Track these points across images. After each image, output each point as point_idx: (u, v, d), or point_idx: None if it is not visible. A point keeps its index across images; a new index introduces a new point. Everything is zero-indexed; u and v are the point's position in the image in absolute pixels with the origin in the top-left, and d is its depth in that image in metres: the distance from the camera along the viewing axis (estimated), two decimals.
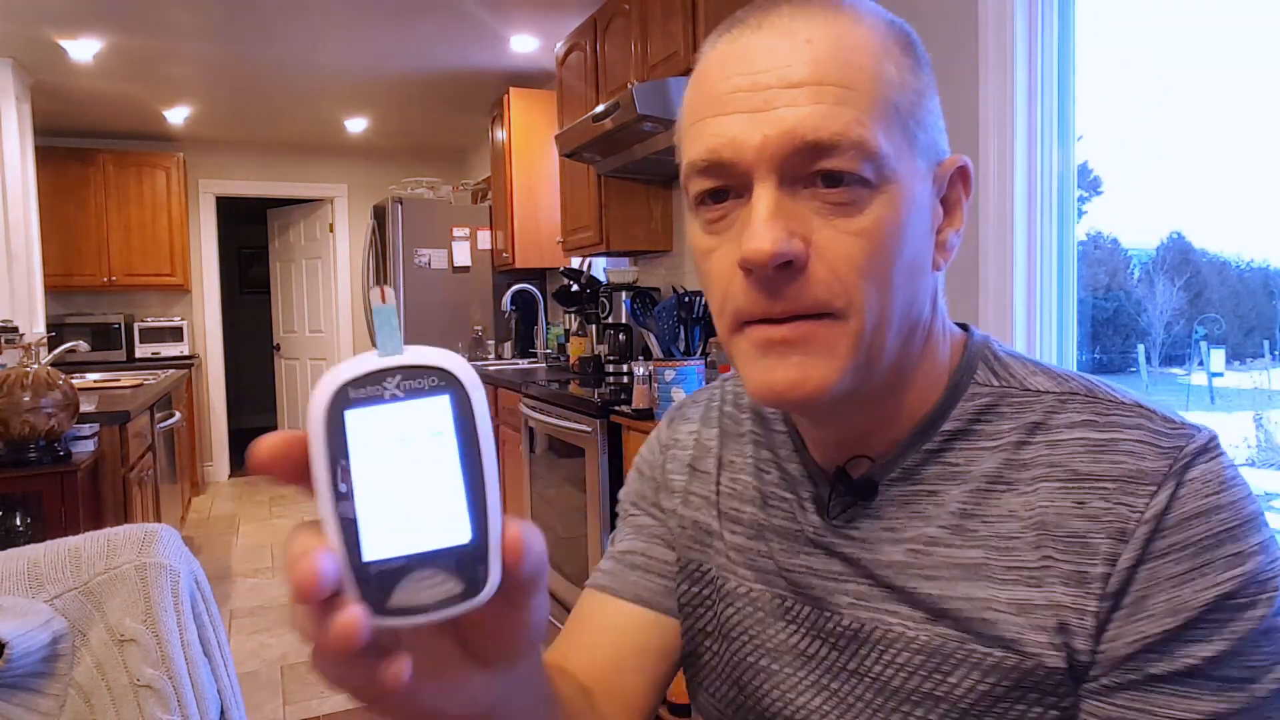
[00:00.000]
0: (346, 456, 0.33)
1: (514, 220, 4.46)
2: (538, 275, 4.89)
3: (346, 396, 0.33)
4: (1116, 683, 0.50)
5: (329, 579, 0.31)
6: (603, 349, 3.62)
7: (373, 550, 0.33)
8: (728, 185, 0.53)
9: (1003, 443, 0.57)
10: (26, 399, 2.27)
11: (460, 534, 0.33)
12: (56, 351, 2.64)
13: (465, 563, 0.33)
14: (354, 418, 0.33)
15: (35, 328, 4.28)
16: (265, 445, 0.33)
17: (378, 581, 0.33)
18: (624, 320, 3.52)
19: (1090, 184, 2.03)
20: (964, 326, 0.65)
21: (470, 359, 4.83)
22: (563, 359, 4.31)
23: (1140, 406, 0.55)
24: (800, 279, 0.51)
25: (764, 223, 0.50)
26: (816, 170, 0.50)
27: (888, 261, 0.51)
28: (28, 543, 1.13)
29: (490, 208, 4.97)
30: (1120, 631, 0.50)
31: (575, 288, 3.79)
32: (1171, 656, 0.49)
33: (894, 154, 0.51)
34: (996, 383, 0.59)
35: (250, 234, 7.63)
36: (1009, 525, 0.55)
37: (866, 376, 0.53)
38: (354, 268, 6.41)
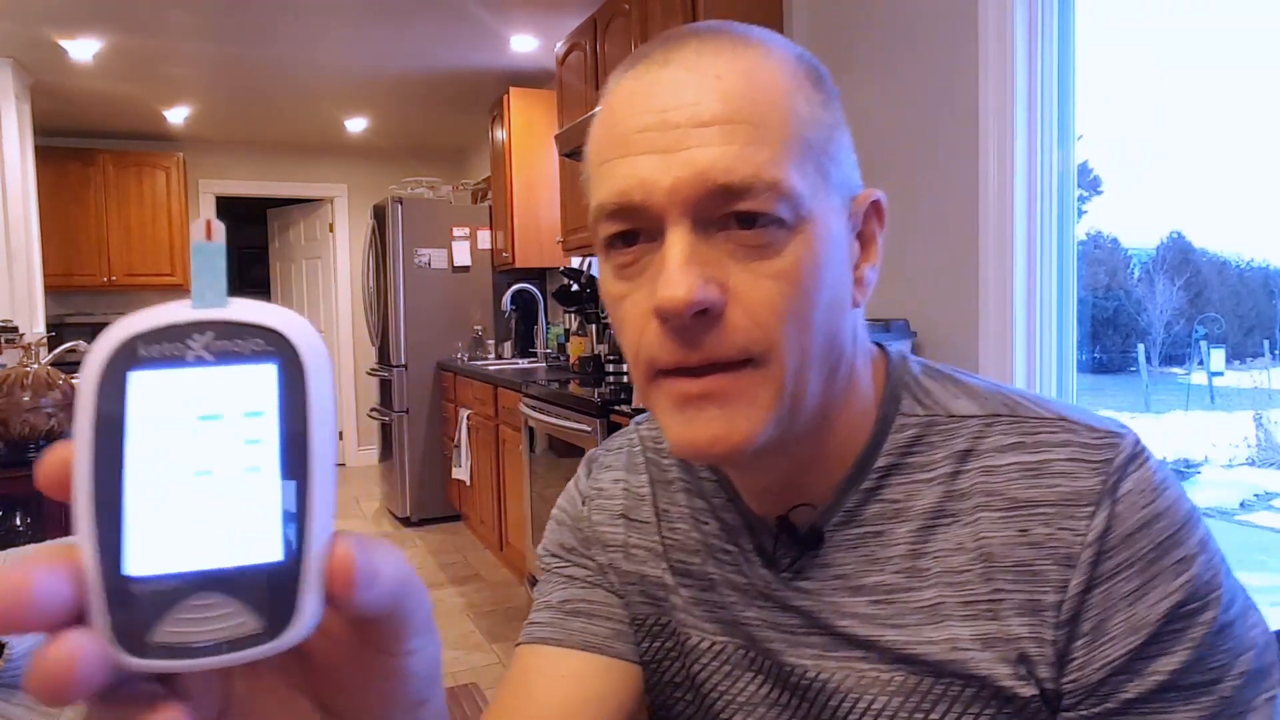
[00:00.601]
0: (121, 431, 0.25)
1: (514, 220, 4.46)
2: (538, 275, 4.89)
3: (134, 353, 0.25)
4: (1095, 712, 0.51)
5: (43, 595, 0.23)
6: (603, 349, 3.62)
7: (138, 563, 0.25)
8: (638, 228, 0.51)
9: (938, 474, 0.56)
10: (26, 399, 2.27)
11: (267, 551, 0.25)
12: (56, 351, 2.64)
13: (268, 590, 0.25)
14: (140, 382, 0.25)
15: (35, 328, 4.28)
16: (52, 460, 0.25)
17: (141, 607, 0.24)
18: None
19: (1090, 184, 2.03)
20: (879, 344, 0.63)
21: (470, 358, 4.85)
22: (563, 359, 4.31)
23: (1064, 419, 0.55)
24: (718, 327, 0.49)
25: (678, 269, 0.47)
26: (730, 212, 0.48)
27: (808, 304, 0.50)
28: (28, 542, 1.13)
29: (490, 208, 4.97)
30: (1088, 659, 0.50)
31: (575, 287, 3.79)
32: (1141, 675, 0.49)
33: (809, 193, 0.50)
34: (922, 411, 0.58)
35: (250, 234, 7.62)
36: (958, 559, 0.54)
37: (791, 423, 0.52)
38: (354, 268, 6.41)
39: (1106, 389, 2.28)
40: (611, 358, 3.53)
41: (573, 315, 4.00)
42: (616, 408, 2.60)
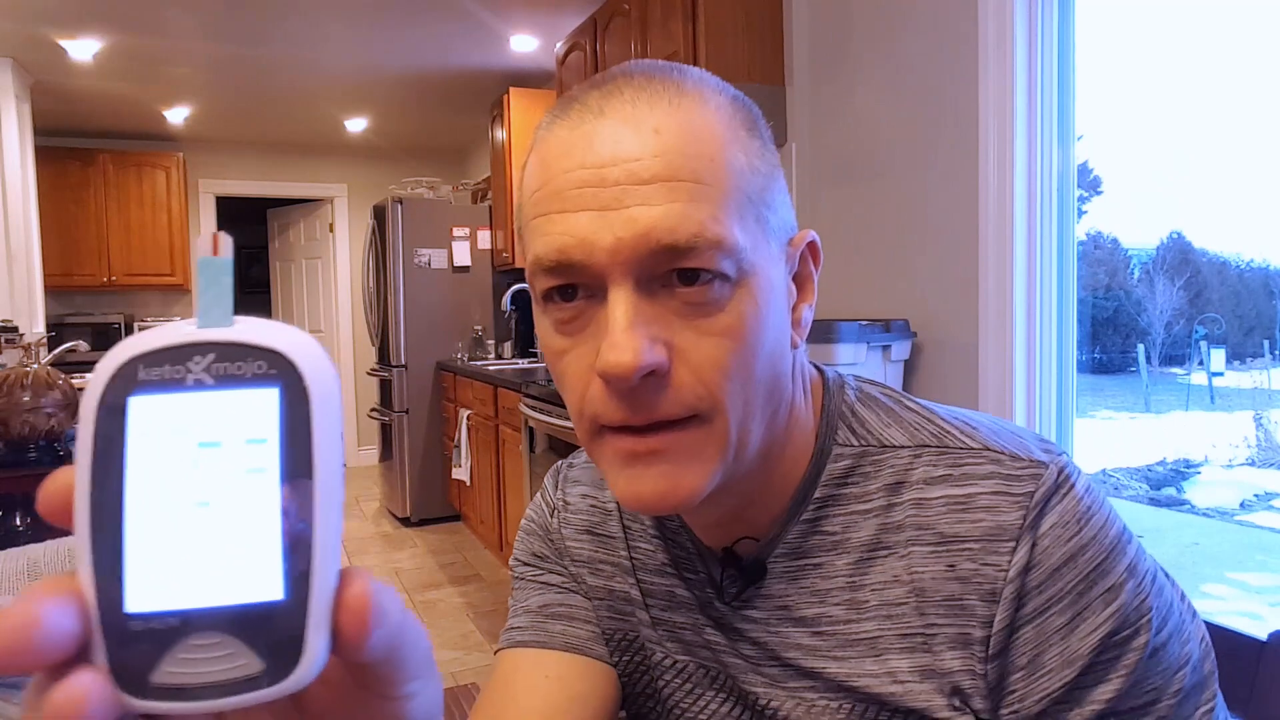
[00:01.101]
0: (121, 460, 0.24)
1: (514, 220, 4.46)
2: None
3: (134, 377, 0.25)
4: None
5: (51, 633, 0.22)
6: None
7: (139, 600, 0.24)
8: (578, 283, 0.50)
9: (873, 505, 0.57)
10: (26, 399, 2.27)
11: (270, 588, 0.24)
12: (56, 351, 2.64)
13: (271, 630, 0.24)
14: (140, 407, 0.24)
15: (35, 328, 4.28)
16: (54, 486, 0.25)
17: (142, 645, 0.23)
18: None
19: (1090, 184, 2.03)
20: (818, 368, 0.63)
21: (470, 359, 4.85)
22: None
23: (988, 449, 0.55)
24: (664, 388, 0.48)
25: (623, 333, 0.47)
26: (673, 269, 0.48)
27: (751, 358, 0.50)
28: (28, 542, 1.13)
29: (490, 207, 4.97)
30: (1026, 691, 0.51)
31: None
32: (1080, 705, 0.50)
33: (750, 246, 0.49)
34: (856, 442, 0.59)
35: (250, 234, 7.62)
36: (894, 591, 0.55)
37: (735, 470, 0.52)
38: (354, 268, 6.41)
39: (1106, 389, 2.28)
40: None
41: None
42: None
